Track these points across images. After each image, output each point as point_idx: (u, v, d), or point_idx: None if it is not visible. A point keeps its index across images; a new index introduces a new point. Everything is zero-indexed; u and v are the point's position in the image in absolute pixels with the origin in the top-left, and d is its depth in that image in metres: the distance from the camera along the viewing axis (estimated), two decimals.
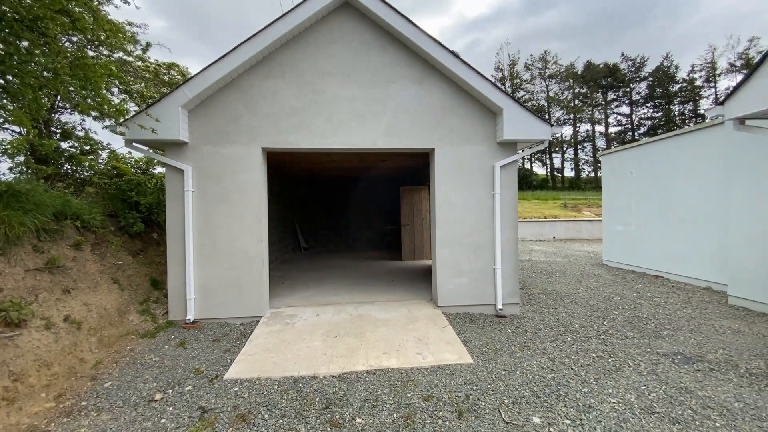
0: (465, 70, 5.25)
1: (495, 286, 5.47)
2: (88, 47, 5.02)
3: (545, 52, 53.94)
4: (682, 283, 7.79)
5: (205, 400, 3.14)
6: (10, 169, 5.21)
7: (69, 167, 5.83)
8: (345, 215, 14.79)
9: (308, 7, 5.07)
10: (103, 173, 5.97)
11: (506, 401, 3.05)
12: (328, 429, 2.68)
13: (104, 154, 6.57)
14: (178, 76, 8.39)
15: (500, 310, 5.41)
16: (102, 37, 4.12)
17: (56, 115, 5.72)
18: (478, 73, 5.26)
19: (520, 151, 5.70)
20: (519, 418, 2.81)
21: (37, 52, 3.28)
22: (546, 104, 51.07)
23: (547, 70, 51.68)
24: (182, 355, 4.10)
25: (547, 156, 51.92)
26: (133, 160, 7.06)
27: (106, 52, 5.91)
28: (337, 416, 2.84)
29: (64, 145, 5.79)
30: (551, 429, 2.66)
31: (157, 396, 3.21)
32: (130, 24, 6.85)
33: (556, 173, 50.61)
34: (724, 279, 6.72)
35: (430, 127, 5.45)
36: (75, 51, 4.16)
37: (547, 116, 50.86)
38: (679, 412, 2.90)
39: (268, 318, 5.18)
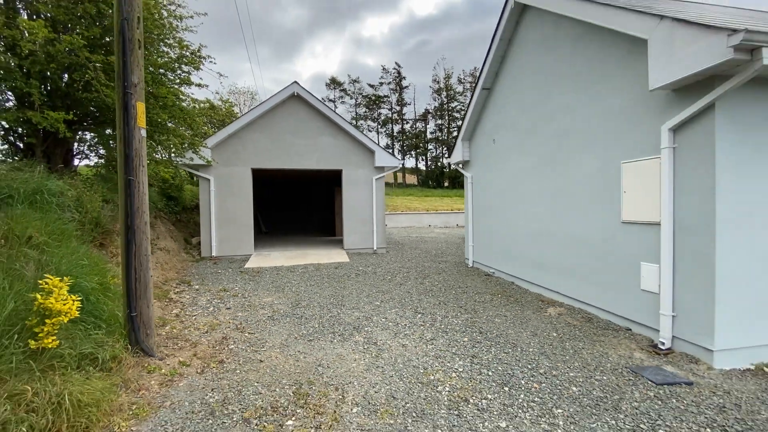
0: (357, 132, 10.62)
1: (373, 239, 10.92)
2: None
3: (475, 68, 62.14)
4: None
5: (240, 271, 8.15)
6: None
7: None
8: (297, 207, 19.67)
9: (275, 98, 10.07)
10: (158, 178, 10.44)
11: (354, 268, 8.46)
12: (290, 273, 7.88)
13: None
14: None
15: (375, 250, 10.88)
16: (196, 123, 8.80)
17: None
18: (364, 134, 10.63)
19: (386, 172, 11.19)
20: (357, 268, 8.27)
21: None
22: None
23: (476, 83, 59.81)
24: (218, 266, 8.97)
25: None
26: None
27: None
28: (293, 270, 8.05)
29: None
30: (364, 269, 8.12)
31: (220, 272, 8.13)
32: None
33: None
34: None
35: (340, 159, 10.73)
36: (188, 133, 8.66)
37: None
38: (410, 267, 8.49)
39: (255, 254, 10.15)
